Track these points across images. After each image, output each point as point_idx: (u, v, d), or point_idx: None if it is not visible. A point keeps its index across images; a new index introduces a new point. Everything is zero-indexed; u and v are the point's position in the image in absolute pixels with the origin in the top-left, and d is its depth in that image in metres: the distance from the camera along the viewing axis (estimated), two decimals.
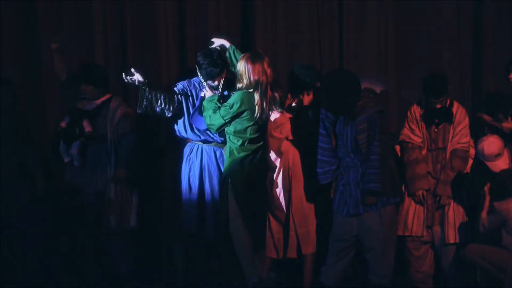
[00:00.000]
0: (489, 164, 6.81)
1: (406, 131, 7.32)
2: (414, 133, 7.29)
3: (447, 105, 7.22)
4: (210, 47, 7.11)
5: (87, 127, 7.52)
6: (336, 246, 7.05)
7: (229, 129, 6.89)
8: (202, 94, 7.07)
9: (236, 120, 6.84)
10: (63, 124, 7.60)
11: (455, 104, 7.27)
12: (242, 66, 6.84)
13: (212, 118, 6.86)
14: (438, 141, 7.26)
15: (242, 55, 6.90)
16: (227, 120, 6.83)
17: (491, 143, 6.79)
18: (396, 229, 7.11)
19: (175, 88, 7.16)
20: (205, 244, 7.34)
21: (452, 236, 7.18)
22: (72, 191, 7.56)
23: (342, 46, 8.12)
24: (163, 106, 7.02)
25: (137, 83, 6.89)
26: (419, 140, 7.28)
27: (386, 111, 7.27)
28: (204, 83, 7.05)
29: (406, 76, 8.07)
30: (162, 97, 6.99)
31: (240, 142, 6.87)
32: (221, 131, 6.94)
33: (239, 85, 6.87)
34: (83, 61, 7.88)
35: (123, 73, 6.83)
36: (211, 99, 6.93)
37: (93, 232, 7.53)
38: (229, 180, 6.86)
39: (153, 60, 8.15)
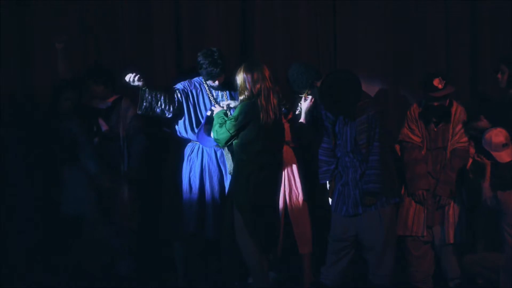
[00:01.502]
0: (495, 154, 6.83)
1: (405, 130, 7.32)
2: (413, 132, 7.29)
3: (447, 105, 7.23)
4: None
5: (103, 126, 7.54)
6: (335, 246, 7.05)
7: (236, 142, 6.85)
8: (208, 113, 7.03)
9: (242, 132, 6.80)
10: None
11: (454, 104, 7.27)
12: (240, 78, 6.80)
13: (219, 132, 6.83)
14: (437, 141, 7.26)
15: (239, 68, 6.84)
16: (233, 133, 6.78)
17: (499, 133, 6.83)
18: (395, 229, 7.11)
19: (175, 88, 7.16)
20: (205, 243, 7.34)
21: (452, 236, 7.19)
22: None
23: (337, 46, 8.12)
24: (163, 106, 7.02)
25: (136, 84, 6.89)
26: (418, 140, 7.29)
27: (385, 111, 7.27)
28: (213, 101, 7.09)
29: (404, 76, 8.07)
30: (162, 98, 6.99)
31: (247, 155, 6.81)
32: (229, 145, 6.91)
33: (241, 98, 6.83)
34: (84, 63, 7.89)
35: (123, 75, 6.83)
36: (218, 115, 6.91)
37: (99, 231, 7.56)
38: (234, 204, 6.86)
39: (150, 61, 8.12)
